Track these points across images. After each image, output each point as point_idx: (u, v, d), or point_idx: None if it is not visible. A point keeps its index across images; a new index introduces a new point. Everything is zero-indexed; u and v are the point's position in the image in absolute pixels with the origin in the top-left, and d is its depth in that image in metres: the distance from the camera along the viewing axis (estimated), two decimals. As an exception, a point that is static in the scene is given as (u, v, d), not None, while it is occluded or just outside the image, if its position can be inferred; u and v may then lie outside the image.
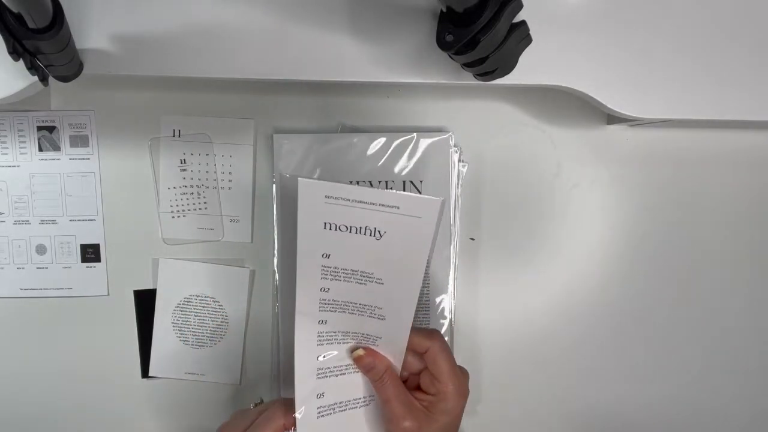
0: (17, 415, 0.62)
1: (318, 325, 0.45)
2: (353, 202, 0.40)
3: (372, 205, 0.40)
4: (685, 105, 0.52)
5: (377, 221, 0.41)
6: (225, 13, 0.48)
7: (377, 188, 0.42)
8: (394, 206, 0.40)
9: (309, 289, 0.43)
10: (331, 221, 0.40)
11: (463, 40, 0.43)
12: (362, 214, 0.40)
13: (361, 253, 0.42)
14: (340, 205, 0.39)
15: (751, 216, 0.64)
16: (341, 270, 0.43)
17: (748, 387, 0.65)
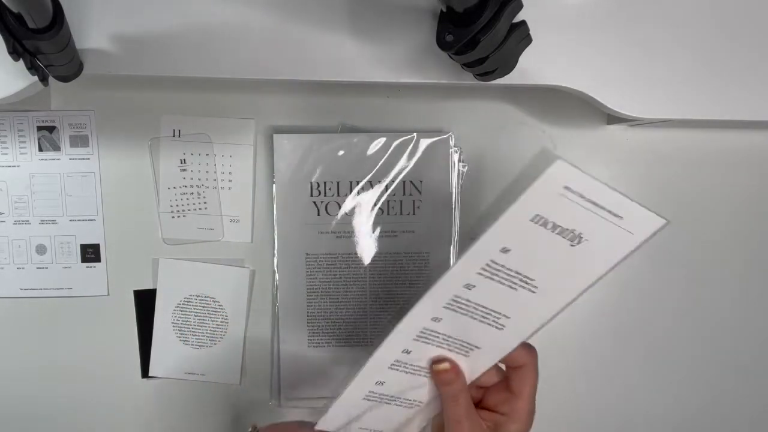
0: (17, 414, 0.62)
1: (429, 321, 0.41)
2: (586, 201, 0.35)
3: (600, 209, 0.36)
4: (686, 105, 0.52)
5: (589, 227, 0.36)
6: (225, 13, 0.48)
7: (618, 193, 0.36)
8: (618, 216, 0.37)
9: (455, 281, 0.39)
10: (545, 215, 0.35)
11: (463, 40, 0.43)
12: (581, 215, 0.35)
13: (542, 256, 0.37)
14: (570, 200, 0.34)
15: (751, 216, 0.64)
16: (505, 269, 0.38)
17: (749, 387, 0.65)
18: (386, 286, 0.61)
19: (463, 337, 0.42)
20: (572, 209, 0.35)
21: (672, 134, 0.62)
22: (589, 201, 0.35)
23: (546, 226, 0.35)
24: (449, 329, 0.41)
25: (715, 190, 0.63)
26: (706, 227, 0.63)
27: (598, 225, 0.36)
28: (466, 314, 0.40)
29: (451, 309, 0.40)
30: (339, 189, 0.60)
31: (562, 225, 0.36)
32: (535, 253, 0.37)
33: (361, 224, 0.60)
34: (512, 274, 0.38)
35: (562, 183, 0.34)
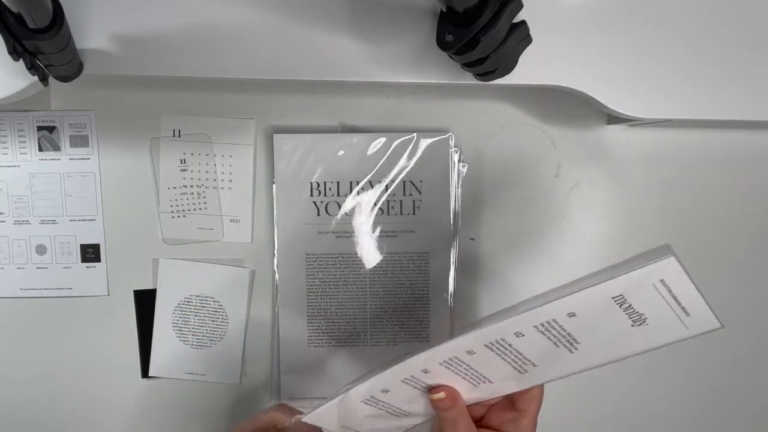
0: (17, 414, 0.62)
1: (464, 353, 0.41)
2: (670, 295, 0.36)
3: (677, 304, 0.37)
4: (685, 105, 0.52)
5: (657, 314, 0.37)
6: (225, 13, 0.48)
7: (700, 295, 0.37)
8: (687, 313, 0.38)
9: (509, 329, 0.39)
10: (627, 297, 0.36)
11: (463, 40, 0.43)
12: (657, 303, 0.36)
13: (600, 327, 0.38)
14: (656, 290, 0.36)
15: (752, 216, 0.64)
16: (559, 328, 0.38)
17: (749, 387, 0.65)
18: (386, 286, 0.61)
19: (483, 371, 0.42)
20: (653, 297, 0.36)
21: (672, 134, 0.62)
22: (672, 295, 0.36)
23: (621, 306, 0.36)
24: (476, 363, 0.42)
25: (715, 190, 0.63)
26: (706, 227, 0.63)
27: (666, 314, 0.37)
28: (500, 354, 0.41)
29: (491, 348, 0.40)
30: (339, 189, 0.60)
31: (636, 308, 0.37)
32: (596, 323, 0.38)
33: (361, 224, 0.60)
34: (564, 334, 0.39)
35: (661, 277, 0.35)
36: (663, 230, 0.63)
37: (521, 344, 0.40)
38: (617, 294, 0.36)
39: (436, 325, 0.61)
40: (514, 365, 0.42)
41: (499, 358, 0.41)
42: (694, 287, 0.36)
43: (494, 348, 0.40)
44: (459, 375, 0.43)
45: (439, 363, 0.42)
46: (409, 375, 0.43)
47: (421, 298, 0.61)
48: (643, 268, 0.34)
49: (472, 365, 0.42)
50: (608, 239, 0.63)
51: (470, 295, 0.62)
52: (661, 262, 0.34)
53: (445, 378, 0.43)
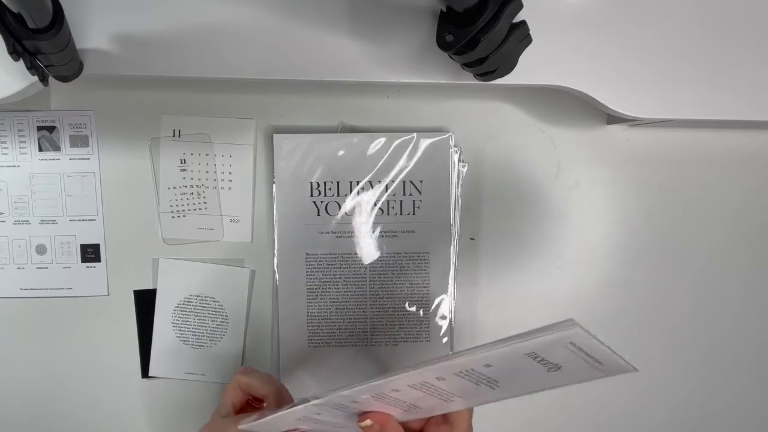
0: (17, 415, 0.62)
1: (390, 391, 0.44)
2: (583, 353, 0.38)
3: (588, 357, 0.38)
4: (685, 105, 0.52)
5: (570, 364, 0.39)
6: (225, 13, 0.48)
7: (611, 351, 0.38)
8: (600, 362, 0.39)
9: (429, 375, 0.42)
10: (540, 354, 0.39)
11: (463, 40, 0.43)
12: (570, 358, 0.39)
13: (517, 373, 0.41)
14: (568, 349, 0.38)
15: (752, 216, 0.64)
16: (478, 373, 0.41)
17: (750, 387, 0.65)
18: (386, 286, 0.61)
19: (411, 401, 0.45)
20: (565, 354, 0.38)
21: (672, 134, 0.62)
22: (584, 352, 0.38)
23: (536, 359, 0.39)
24: (403, 396, 0.44)
25: (715, 190, 0.63)
26: (706, 227, 0.63)
27: (579, 364, 0.39)
28: (425, 392, 0.43)
29: (415, 388, 0.43)
30: (339, 189, 0.60)
31: (550, 360, 0.39)
32: (513, 371, 0.40)
33: (361, 224, 0.60)
34: (482, 378, 0.41)
35: (569, 341, 0.37)
36: (663, 230, 0.63)
37: (444, 384, 0.42)
38: (530, 351, 0.38)
39: (435, 326, 0.61)
40: (440, 398, 0.44)
41: (425, 393, 0.43)
42: (604, 347, 0.37)
43: (420, 388, 0.43)
44: (389, 405, 0.45)
45: (370, 397, 0.44)
46: (340, 403, 0.45)
47: (421, 298, 0.61)
48: (553, 334, 0.36)
49: (399, 398, 0.44)
50: (608, 239, 0.63)
51: (470, 295, 0.62)
52: (568, 331, 0.35)
53: (374, 406, 0.45)
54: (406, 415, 0.46)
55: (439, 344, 0.61)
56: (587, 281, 0.63)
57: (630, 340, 0.64)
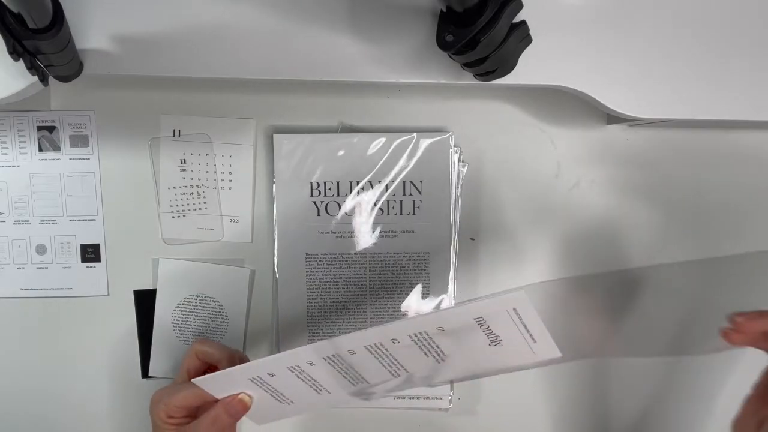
0: (17, 415, 0.62)
1: (346, 353, 0.46)
2: (521, 324, 0.43)
3: (526, 331, 0.44)
4: (685, 105, 0.52)
5: (510, 338, 0.44)
6: (225, 13, 0.48)
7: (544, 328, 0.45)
8: (534, 340, 0.45)
9: (386, 334, 0.45)
10: (486, 320, 0.43)
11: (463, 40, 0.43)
12: (510, 329, 0.44)
13: (464, 343, 0.45)
14: (510, 317, 0.43)
15: (752, 216, 0.64)
16: (430, 340, 0.45)
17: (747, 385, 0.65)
18: (386, 286, 0.61)
19: (361, 373, 0.48)
20: (507, 323, 0.43)
21: (672, 134, 0.62)
22: (522, 323, 0.44)
23: (481, 327, 0.44)
24: (356, 363, 0.47)
25: (715, 190, 0.63)
26: (705, 227, 0.63)
27: (517, 339, 0.45)
28: (377, 358, 0.47)
29: (369, 351, 0.46)
30: (339, 189, 0.60)
31: (493, 330, 0.44)
32: (460, 339, 0.45)
33: (361, 224, 0.60)
34: (434, 346, 0.46)
35: (513, 306, 0.43)
36: (663, 230, 0.63)
37: (397, 351, 0.46)
38: (479, 316, 0.43)
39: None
40: (390, 370, 0.47)
41: (378, 362, 0.47)
42: (539, 319, 0.44)
43: (374, 352, 0.46)
44: (339, 373, 0.48)
45: (322, 357, 0.47)
46: (294, 364, 0.47)
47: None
48: (500, 296, 0.42)
49: (353, 365, 0.47)
50: (608, 239, 0.63)
51: (470, 295, 0.62)
52: (513, 293, 0.42)
53: (326, 373, 0.48)
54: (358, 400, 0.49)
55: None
56: (587, 281, 0.63)
57: (629, 339, 0.64)
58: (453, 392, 0.62)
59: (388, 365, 0.47)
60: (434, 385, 0.50)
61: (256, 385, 0.49)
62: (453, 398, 0.62)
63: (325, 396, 0.50)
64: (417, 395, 0.61)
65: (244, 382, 0.49)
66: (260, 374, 0.48)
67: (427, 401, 0.62)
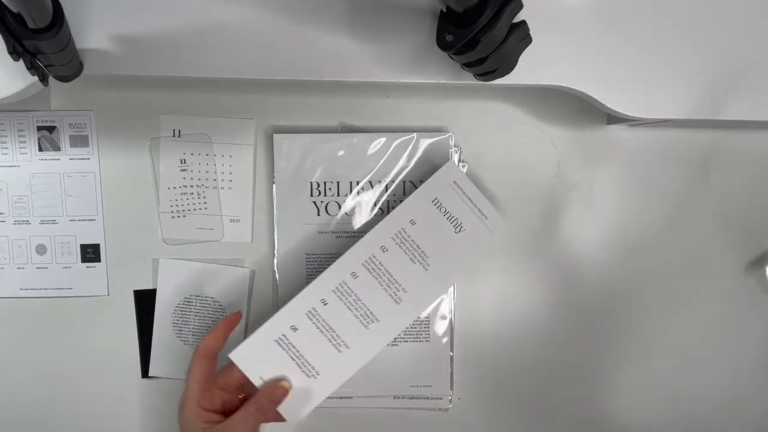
0: (17, 415, 0.62)
1: (348, 276, 0.54)
2: (465, 196, 0.54)
3: (474, 206, 0.54)
4: (685, 105, 0.52)
5: (467, 219, 0.54)
6: (225, 13, 0.48)
7: (484, 197, 0.56)
8: (484, 216, 0.55)
9: (373, 243, 0.54)
10: (441, 200, 0.54)
11: (463, 40, 0.43)
12: (462, 208, 0.54)
13: (435, 235, 0.54)
14: (456, 193, 0.54)
15: (752, 216, 0.64)
16: (410, 240, 0.54)
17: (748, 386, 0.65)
18: (386, 286, 0.61)
19: (369, 305, 0.54)
20: (457, 201, 0.54)
21: (672, 134, 0.62)
22: (466, 195, 0.54)
23: (440, 209, 0.54)
24: (361, 290, 0.54)
25: (715, 190, 0.63)
26: (705, 227, 0.63)
27: (472, 219, 0.55)
28: (376, 278, 0.54)
29: (367, 268, 0.54)
30: (339, 189, 0.60)
31: (451, 212, 0.54)
32: (432, 231, 0.54)
33: (361, 224, 0.60)
34: (414, 246, 0.54)
35: (452, 178, 0.55)
36: (663, 230, 0.63)
37: (388, 261, 0.54)
38: (433, 197, 0.54)
39: (436, 326, 0.61)
40: (389, 292, 0.54)
41: (377, 282, 0.54)
42: (475, 187, 0.55)
43: (371, 269, 0.54)
44: (352, 311, 0.54)
45: (332, 290, 0.54)
46: (310, 307, 0.54)
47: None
48: (438, 171, 0.55)
49: (359, 296, 0.54)
50: (608, 239, 0.63)
51: (470, 295, 0.62)
52: (443, 166, 0.55)
53: (339, 314, 0.54)
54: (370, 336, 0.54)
55: (440, 344, 0.61)
56: (587, 281, 0.63)
57: (630, 338, 0.64)
58: (453, 392, 0.62)
59: (386, 286, 0.54)
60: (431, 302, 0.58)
61: (283, 349, 0.53)
62: (453, 398, 0.62)
63: (346, 355, 0.54)
64: (417, 395, 0.62)
65: (272, 346, 0.53)
66: (284, 331, 0.53)
67: (427, 401, 0.62)
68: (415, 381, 0.61)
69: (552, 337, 0.63)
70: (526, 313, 0.63)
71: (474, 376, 0.63)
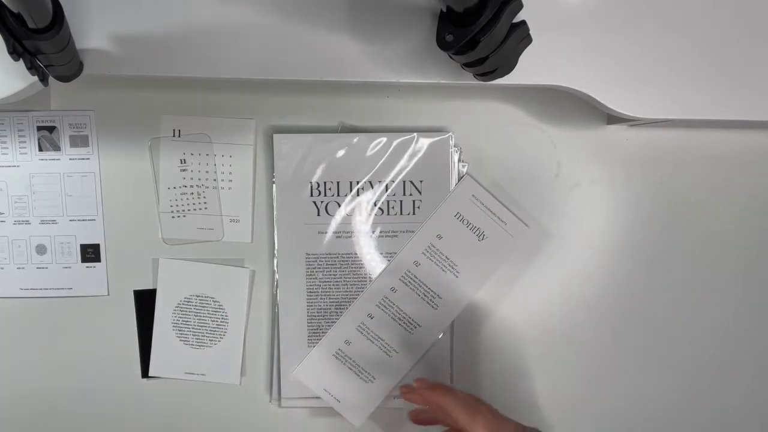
0: (17, 414, 0.62)
1: (389, 291, 0.59)
2: (485, 207, 0.58)
3: (493, 214, 0.58)
4: (685, 105, 0.52)
5: (488, 227, 0.58)
6: (225, 13, 0.48)
7: (502, 205, 0.59)
8: (503, 221, 0.58)
9: (407, 259, 0.58)
10: (463, 213, 0.58)
11: (463, 40, 0.43)
12: (483, 218, 0.58)
13: (462, 246, 0.58)
14: (476, 205, 0.57)
15: (752, 216, 0.64)
16: (440, 253, 0.58)
17: (747, 386, 0.65)
18: (386, 286, 0.61)
19: (411, 314, 0.59)
20: (477, 212, 0.58)
21: (672, 134, 0.62)
22: (485, 207, 0.58)
23: (463, 222, 0.58)
24: (402, 302, 0.59)
25: (715, 190, 0.63)
26: (705, 227, 0.63)
27: (493, 227, 0.58)
28: (413, 290, 0.59)
29: (404, 282, 0.58)
30: (339, 189, 0.60)
31: (473, 222, 0.58)
32: (458, 242, 0.58)
33: (361, 224, 0.60)
34: (444, 257, 0.58)
35: (470, 192, 0.58)
36: (663, 230, 0.63)
37: (422, 274, 0.58)
38: (455, 212, 0.58)
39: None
40: (427, 300, 0.58)
41: (415, 293, 0.58)
42: (493, 197, 0.59)
43: (407, 282, 0.58)
44: (395, 322, 0.59)
45: (376, 305, 0.59)
46: (359, 323, 0.59)
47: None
48: (456, 187, 0.58)
49: (401, 308, 0.59)
50: (608, 239, 0.63)
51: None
52: (462, 181, 0.59)
53: (385, 325, 0.59)
54: (416, 338, 0.59)
55: (440, 344, 0.61)
56: (587, 280, 0.63)
57: (630, 338, 0.64)
58: (453, 392, 0.62)
59: (423, 295, 0.59)
60: (465, 303, 0.60)
61: (340, 362, 0.59)
62: (453, 398, 0.62)
63: (395, 359, 0.59)
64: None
65: (330, 360, 0.59)
66: (339, 346, 0.59)
67: (427, 401, 0.62)
68: (415, 381, 0.62)
69: (552, 336, 0.63)
70: (526, 313, 0.63)
71: (474, 376, 0.63)
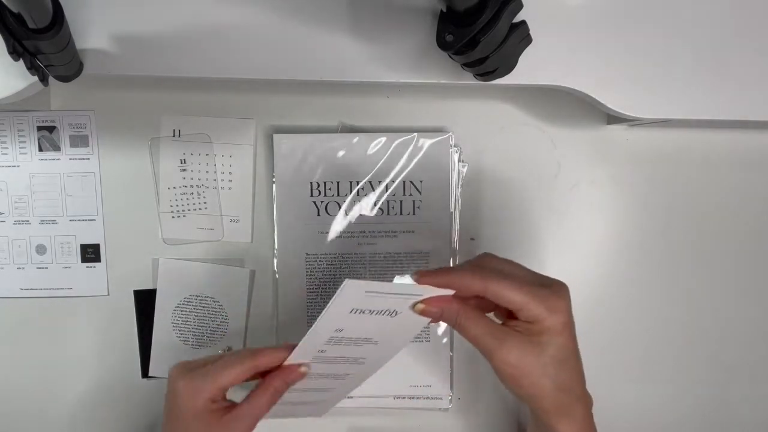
0: (17, 414, 0.62)
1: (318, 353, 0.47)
2: (387, 294, 0.43)
3: (401, 295, 0.44)
4: (685, 105, 0.52)
5: (399, 306, 0.44)
6: (224, 13, 0.48)
7: (406, 282, 0.47)
8: (418, 295, 0.44)
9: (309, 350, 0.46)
10: (360, 308, 0.43)
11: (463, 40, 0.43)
12: (390, 300, 0.44)
13: (372, 326, 0.46)
14: (377, 296, 0.42)
15: (751, 216, 0.64)
16: (346, 338, 0.46)
17: (747, 386, 0.65)
18: (386, 286, 0.61)
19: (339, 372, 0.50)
20: (382, 300, 0.43)
21: (672, 134, 0.62)
22: (389, 293, 0.43)
23: (365, 313, 0.44)
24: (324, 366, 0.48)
25: (715, 190, 0.63)
26: (705, 227, 0.63)
27: (403, 303, 0.45)
28: (331, 363, 0.48)
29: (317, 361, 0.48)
30: (339, 189, 0.60)
31: (379, 309, 0.44)
32: (365, 327, 0.45)
33: (361, 224, 0.60)
34: (353, 339, 0.46)
35: (361, 291, 0.41)
36: (663, 230, 0.63)
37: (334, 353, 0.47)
38: (350, 309, 0.43)
39: (435, 326, 0.61)
40: (349, 363, 0.49)
41: (335, 365, 0.49)
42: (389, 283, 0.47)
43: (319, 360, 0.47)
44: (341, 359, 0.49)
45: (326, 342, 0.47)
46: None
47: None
48: (335, 298, 0.41)
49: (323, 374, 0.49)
50: (608, 239, 0.63)
51: (470, 295, 0.62)
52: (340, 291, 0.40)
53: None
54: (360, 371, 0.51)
55: (440, 344, 0.61)
56: (587, 281, 0.63)
57: (629, 338, 0.64)
58: (453, 392, 0.62)
59: (344, 362, 0.49)
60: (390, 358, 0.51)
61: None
62: (453, 398, 0.62)
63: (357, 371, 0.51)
64: (417, 395, 0.61)
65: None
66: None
67: (427, 401, 0.62)
68: (415, 381, 0.61)
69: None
70: (526, 313, 0.63)
71: (474, 376, 0.63)
